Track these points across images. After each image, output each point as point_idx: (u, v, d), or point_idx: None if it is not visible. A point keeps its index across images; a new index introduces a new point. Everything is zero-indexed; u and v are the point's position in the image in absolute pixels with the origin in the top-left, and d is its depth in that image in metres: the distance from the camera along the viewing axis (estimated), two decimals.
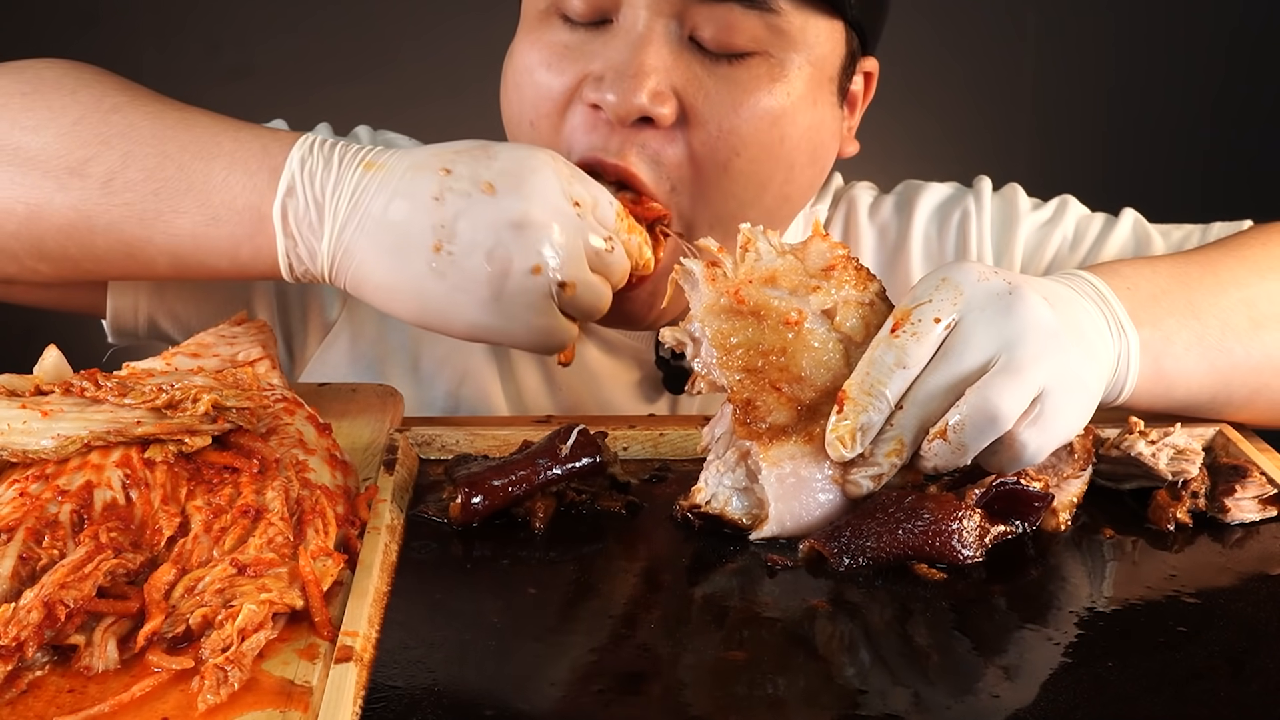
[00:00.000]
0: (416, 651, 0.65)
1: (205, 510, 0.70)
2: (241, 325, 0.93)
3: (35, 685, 0.60)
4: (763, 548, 0.76)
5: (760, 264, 0.79)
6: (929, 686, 0.62)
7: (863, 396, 0.74)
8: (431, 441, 0.90)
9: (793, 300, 0.78)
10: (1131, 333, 0.84)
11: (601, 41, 0.91)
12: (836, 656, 0.65)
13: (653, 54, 0.88)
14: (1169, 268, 0.91)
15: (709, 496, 0.78)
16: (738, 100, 0.91)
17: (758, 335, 0.78)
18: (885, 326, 0.76)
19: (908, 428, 0.74)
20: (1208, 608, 0.70)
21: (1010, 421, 0.73)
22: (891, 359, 0.74)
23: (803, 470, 0.76)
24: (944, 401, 0.74)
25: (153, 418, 0.74)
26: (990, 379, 0.73)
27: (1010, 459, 0.75)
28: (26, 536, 0.66)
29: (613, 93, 0.88)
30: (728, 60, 0.90)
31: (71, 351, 0.83)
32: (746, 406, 0.76)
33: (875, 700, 0.61)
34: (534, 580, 0.73)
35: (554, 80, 0.92)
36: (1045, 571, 0.74)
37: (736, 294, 0.78)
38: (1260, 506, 0.81)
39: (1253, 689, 0.62)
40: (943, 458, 0.74)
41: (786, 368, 0.77)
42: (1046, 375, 0.73)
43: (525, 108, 0.94)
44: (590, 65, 0.90)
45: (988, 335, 0.74)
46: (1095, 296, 0.83)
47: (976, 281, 0.75)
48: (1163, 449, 0.82)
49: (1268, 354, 0.89)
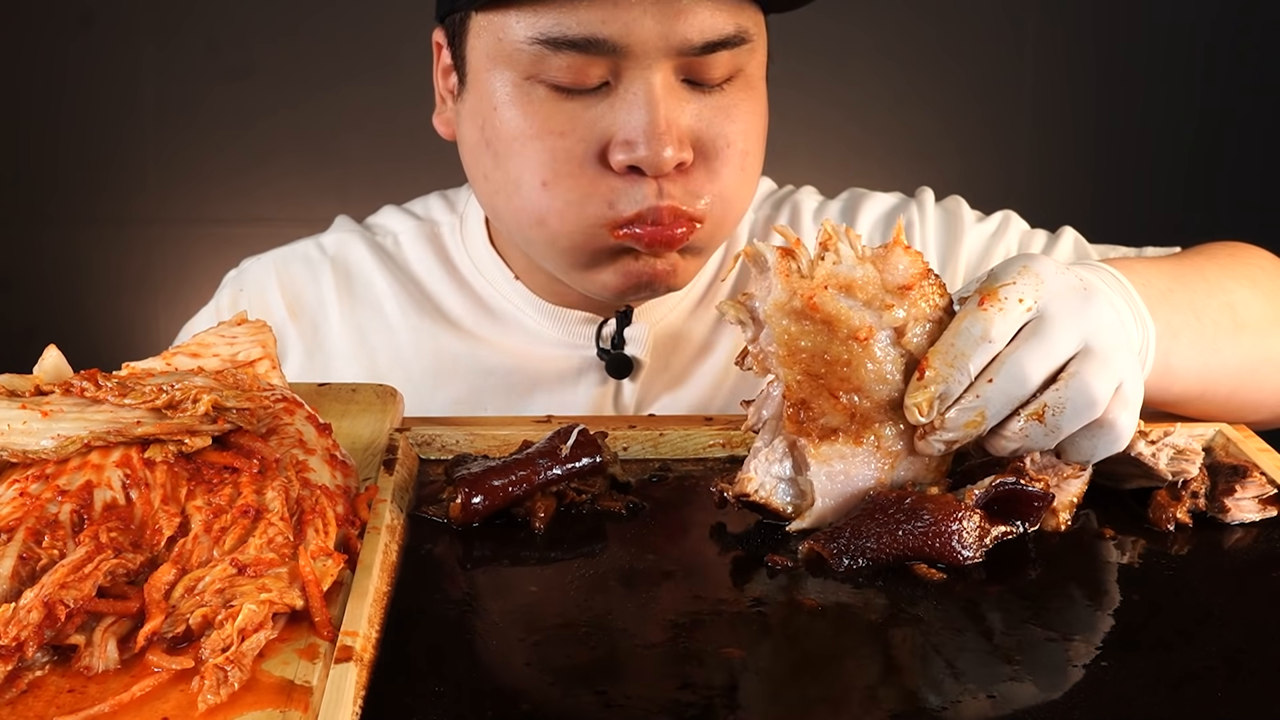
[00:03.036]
0: (416, 651, 0.65)
1: (205, 510, 0.70)
2: (242, 325, 0.93)
3: (35, 685, 0.60)
4: (761, 548, 0.76)
5: (839, 269, 0.77)
6: (928, 686, 0.62)
7: (944, 367, 0.75)
8: (431, 441, 0.90)
9: (866, 314, 0.77)
10: (1150, 325, 0.88)
11: (607, 104, 0.97)
12: (835, 656, 0.65)
13: (667, 109, 0.96)
14: (1169, 268, 0.96)
15: (758, 486, 0.78)
16: (733, 118, 1.00)
17: (825, 344, 0.77)
18: (971, 300, 0.77)
19: (993, 401, 0.75)
20: (1207, 608, 0.70)
21: (1104, 406, 0.75)
22: (979, 331, 0.75)
23: (852, 470, 0.77)
24: (1033, 383, 0.75)
25: (153, 418, 0.74)
26: (1083, 364, 0.75)
27: (1111, 440, 0.77)
28: (26, 536, 0.66)
29: (648, 151, 0.95)
30: (718, 89, 0.99)
31: (71, 351, 0.83)
32: (802, 406, 0.77)
33: (873, 700, 0.61)
34: (534, 580, 0.73)
35: (571, 144, 0.97)
36: (1045, 572, 0.74)
37: (810, 299, 0.76)
38: (1260, 506, 0.81)
39: (1251, 689, 0.62)
40: (1034, 439, 0.76)
41: (848, 379, 0.77)
42: (1124, 363, 0.77)
43: (533, 170, 0.99)
44: (605, 128, 0.97)
45: (1073, 324, 0.76)
46: (1120, 290, 0.86)
47: (1055, 274, 0.78)
48: (1163, 449, 0.82)
49: (1247, 355, 0.96)
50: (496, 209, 1.05)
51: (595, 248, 1.00)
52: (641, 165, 0.95)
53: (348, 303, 1.21)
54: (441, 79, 1.10)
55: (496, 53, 0.98)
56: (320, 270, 1.22)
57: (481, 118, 1.01)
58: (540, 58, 0.95)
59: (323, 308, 1.21)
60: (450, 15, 1.04)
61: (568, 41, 0.93)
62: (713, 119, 0.99)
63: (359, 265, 1.22)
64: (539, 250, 1.05)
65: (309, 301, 1.22)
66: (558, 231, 1.00)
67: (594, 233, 0.99)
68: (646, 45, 0.93)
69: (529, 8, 0.94)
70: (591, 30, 0.93)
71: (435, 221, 1.23)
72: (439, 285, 1.20)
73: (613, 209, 0.98)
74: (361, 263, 1.22)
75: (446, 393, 1.16)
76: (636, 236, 0.98)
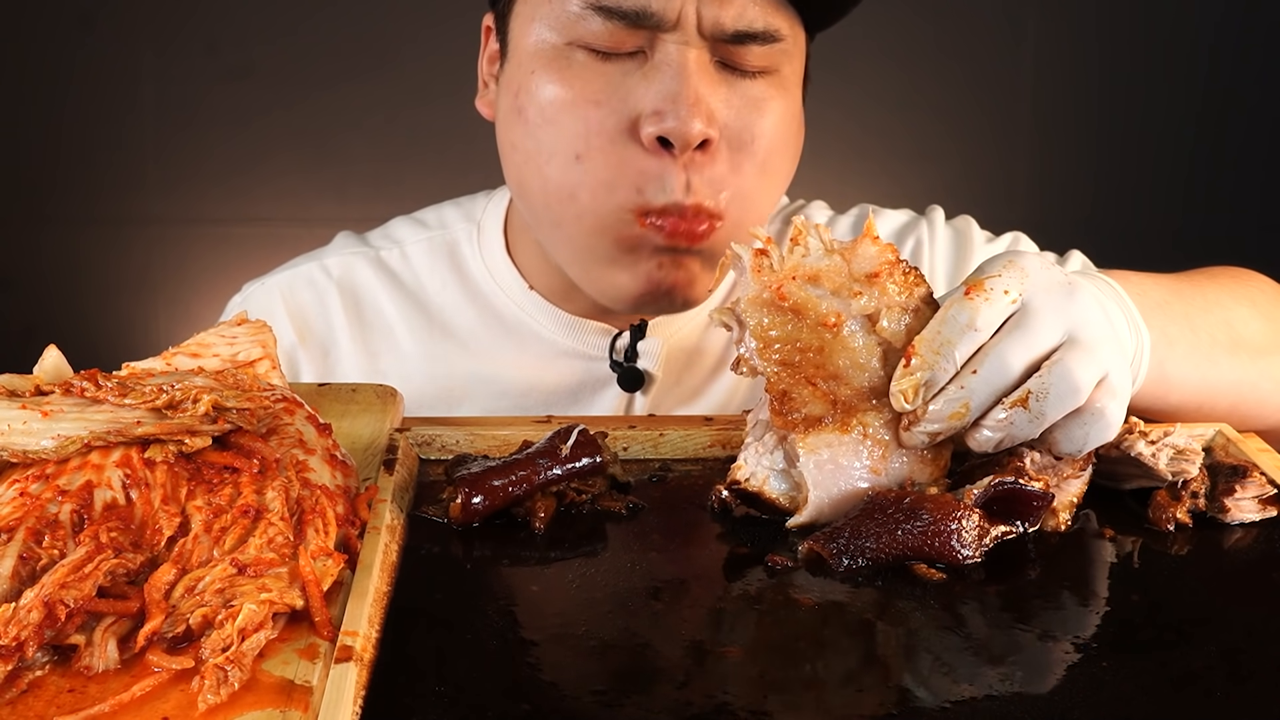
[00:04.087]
0: (417, 651, 0.65)
1: (205, 510, 0.70)
2: (242, 325, 0.93)
3: (35, 685, 0.60)
4: (761, 548, 0.76)
5: (806, 261, 0.79)
6: (927, 686, 0.62)
7: (930, 354, 0.76)
8: (431, 441, 0.90)
9: (833, 302, 0.79)
10: (1144, 332, 0.89)
11: (641, 74, 0.98)
12: (834, 656, 0.65)
13: (698, 83, 0.97)
14: (1167, 283, 0.98)
15: (749, 474, 0.80)
16: (762, 111, 1.01)
17: (796, 332, 0.78)
18: (957, 290, 0.78)
19: (977, 392, 0.76)
20: (1207, 608, 0.70)
21: (1087, 393, 0.76)
22: (965, 319, 0.76)
23: (841, 458, 0.78)
24: (1015, 373, 0.76)
25: (153, 418, 0.74)
26: (1067, 353, 0.76)
27: (1101, 429, 0.77)
28: (26, 536, 0.66)
29: (676, 122, 0.95)
30: (750, 77, 1.01)
31: (71, 351, 0.83)
32: (782, 397, 0.78)
33: (872, 700, 0.61)
34: (534, 580, 0.73)
35: (604, 115, 0.98)
36: (1045, 572, 0.74)
37: (779, 289, 0.79)
38: (1260, 506, 0.81)
39: (1251, 689, 0.62)
40: (1019, 427, 0.76)
41: (823, 365, 0.78)
42: (1109, 356, 0.77)
43: (567, 141, 0.99)
44: (638, 99, 0.98)
45: (1056, 317, 0.77)
46: (1113, 296, 0.87)
47: (1040, 269, 0.79)
48: (1163, 449, 0.82)
49: (1246, 371, 0.97)
50: (525, 181, 1.05)
51: (619, 234, 1.00)
52: (669, 136, 0.96)
53: (357, 328, 1.21)
54: (487, 65, 1.12)
55: (544, 15, 1.00)
56: (327, 295, 1.22)
57: (518, 84, 1.02)
58: (583, 19, 0.97)
59: (331, 333, 1.21)
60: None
61: (619, 11, 0.96)
62: (742, 108, 1.00)
63: (366, 288, 1.22)
64: (564, 233, 1.04)
65: (317, 327, 1.21)
66: (586, 208, 1.00)
67: (621, 216, 0.99)
68: (685, 22, 0.96)
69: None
70: (642, 4, 0.95)
71: (449, 229, 1.23)
72: (450, 299, 1.20)
73: (641, 195, 0.98)
74: (368, 286, 1.22)
75: (460, 415, 1.16)
76: (659, 228, 0.99)
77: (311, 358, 1.20)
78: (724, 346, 1.18)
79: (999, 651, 0.65)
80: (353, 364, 1.20)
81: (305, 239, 1.39)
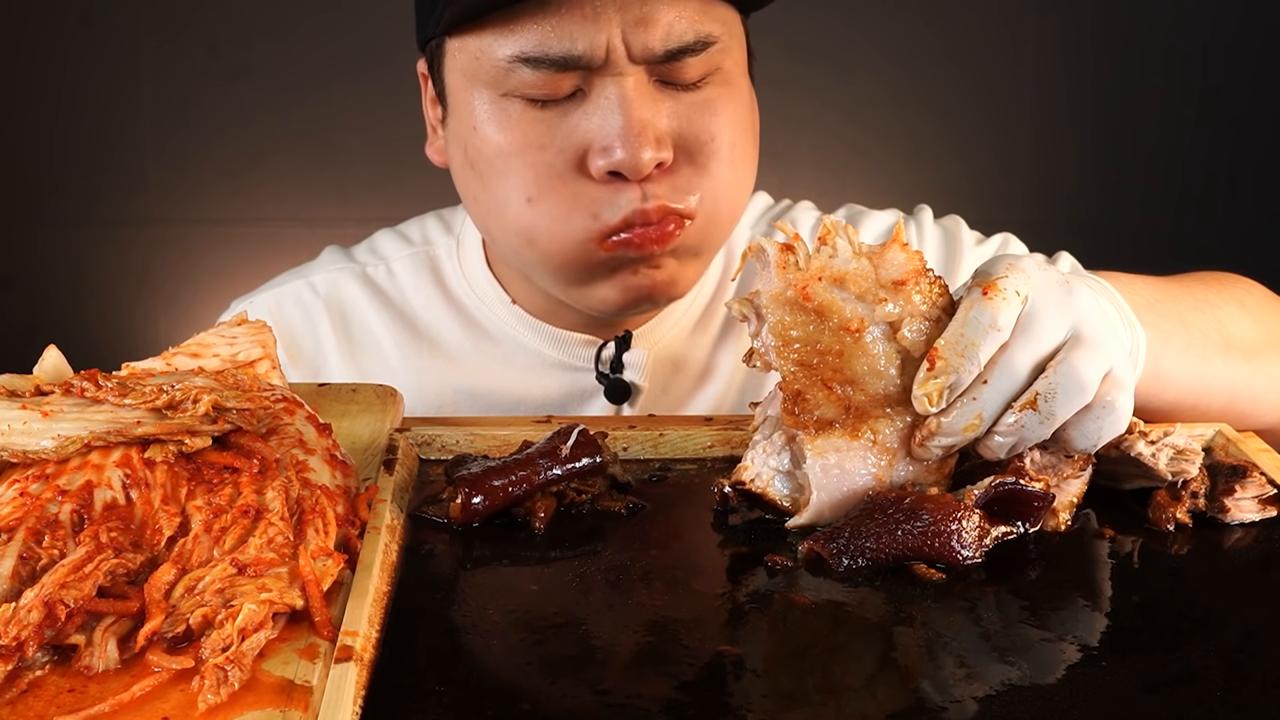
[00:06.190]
0: (416, 651, 0.65)
1: (205, 510, 0.70)
2: (242, 325, 0.93)
3: (35, 685, 0.60)
4: (761, 548, 0.76)
5: (834, 262, 0.78)
6: (926, 686, 0.62)
7: (955, 357, 0.75)
8: (431, 441, 0.90)
9: (858, 307, 0.77)
10: (1139, 330, 0.89)
11: (582, 112, 0.97)
12: (834, 656, 0.65)
13: (640, 110, 0.95)
14: (1157, 283, 0.99)
15: (754, 475, 0.79)
16: (713, 111, 1.00)
17: (817, 334, 0.78)
18: (974, 291, 0.77)
19: (990, 402, 0.76)
20: (1207, 608, 0.70)
21: (1094, 389, 0.76)
22: (987, 319, 0.76)
23: (847, 463, 0.78)
24: (1023, 377, 0.76)
25: (153, 418, 0.74)
26: (1071, 351, 0.76)
27: (1113, 421, 0.77)
28: (27, 536, 0.66)
29: (625, 154, 0.95)
30: (694, 88, 0.99)
31: (71, 351, 0.83)
32: (796, 398, 0.78)
33: (872, 700, 0.61)
34: (534, 580, 0.73)
35: (552, 157, 0.98)
36: (1045, 572, 0.74)
37: (804, 289, 0.77)
38: (1260, 506, 0.81)
39: (1250, 689, 0.62)
40: (1030, 429, 0.75)
41: (840, 369, 0.77)
42: (1112, 350, 0.77)
43: (517, 187, 0.99)
44: (582, 137, 0.97)
45: (1059, 317, 0.77)
46: (1106, 294, 0.87)
47: (1038, 270, 0.79)
48: (1162, 449, 0.82)
49: (1239, 370, 0.97)
50: (490, 230, 1.06)
51: (587, 263, 1.00)
52: (621, 169, 0.95)
53: (346, 346, 1.20)
54: (430, 109, 1.11)
55: (473, 72, 0.99)
56: (315, 313, 1.22)
57: (464, 139, 1.02)
58: (512, 71, 0.96)
59: (321, 351, 1.21)
60: (428, 42, 1.04)
61: (547, 60, 0.94)
62: (692, 115, 0.99)
63: (354, 306, 1.22)
64: (534, 270, 1.05)
65: (306, 346, 1.21)
66: (547, 249, 1.00)
67: (583, 248, 0.99)
68: (615, 55, 0.94)
69: (503, 28, 0.95)
70: (566, 49, 0.94)
71: (432, 245, 1.23)
72: (436, 315, 1.19)
73: (598, 220, 0.97)
74: (356, 303, 1.21)
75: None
76: (626, 243, 0.98)
77: (301, 376, 1.20)
78: (708, 355, 1.18)
79: (998, 651, 0.65)
80: (341, 380, 1.19)
81: (305, 239, 1.39)
